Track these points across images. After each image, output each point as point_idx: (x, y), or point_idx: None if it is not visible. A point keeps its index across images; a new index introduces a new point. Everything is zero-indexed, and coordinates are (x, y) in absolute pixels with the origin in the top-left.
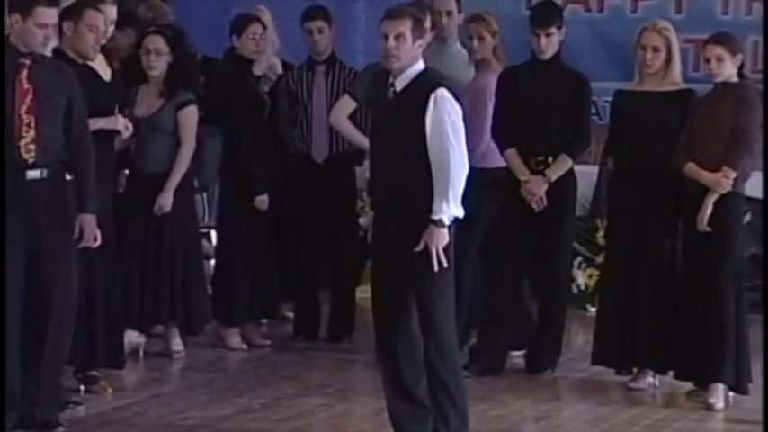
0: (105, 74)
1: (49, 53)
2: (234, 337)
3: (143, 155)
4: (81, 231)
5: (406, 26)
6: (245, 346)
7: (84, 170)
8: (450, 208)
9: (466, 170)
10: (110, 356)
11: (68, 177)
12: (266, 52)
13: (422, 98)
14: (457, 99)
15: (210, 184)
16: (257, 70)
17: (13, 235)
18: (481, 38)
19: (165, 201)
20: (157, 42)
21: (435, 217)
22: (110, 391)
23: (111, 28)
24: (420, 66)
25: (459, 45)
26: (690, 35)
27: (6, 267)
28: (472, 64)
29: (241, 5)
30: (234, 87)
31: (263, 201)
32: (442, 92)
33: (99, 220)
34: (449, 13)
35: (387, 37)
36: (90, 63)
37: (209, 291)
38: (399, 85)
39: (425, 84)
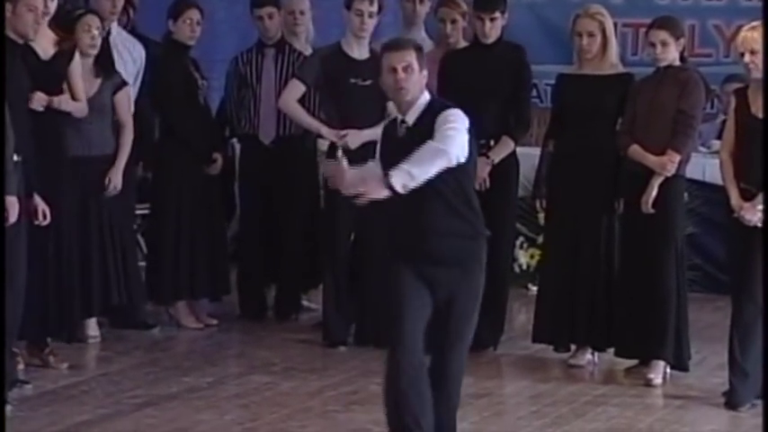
0: (45, 53)
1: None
2: (185, 316)
3: (80, 138)
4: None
5: (411, 56)
6: (196, 325)
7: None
8: (400, 178)
9: (441, 163)
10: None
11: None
12: (300, 39)
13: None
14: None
15: None
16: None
17: None
18: (453, 21)
19: (117, 179)
20: (98, 22)
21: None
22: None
23: (53, 4)
24: (427, 96)
25: (424, 33)
26: (629, 20)
27: None
28: (439, 48)
29: None
30: (169, 74)
31: (215, 167)
32: (450, 109)
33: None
34: (421, 1)
35: (395, 69)
36: (30, 42)
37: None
38: (410, 118)
39: (436, 110)
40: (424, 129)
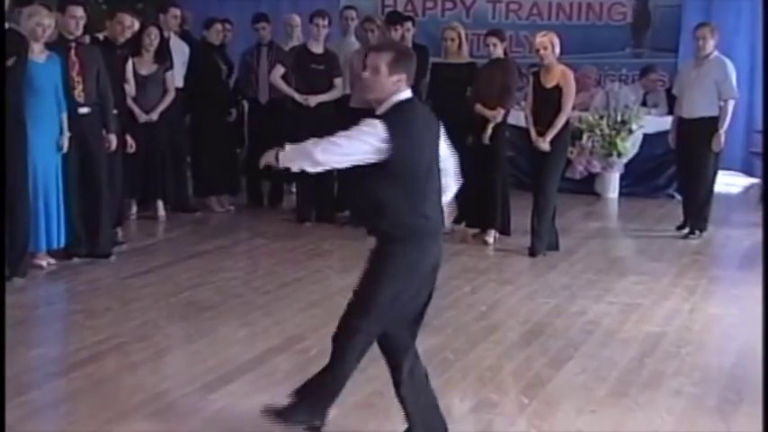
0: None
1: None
2: (215, 204)
3: (145, 98)
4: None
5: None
6: (221, 209)
7: (107, 108)
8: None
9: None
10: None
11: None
12: (293, 40)
13: None
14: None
15: None
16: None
17: (73, 146)
18: (372, 30)
19: (152, 115)
20: (156, 30)
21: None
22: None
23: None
24: (398, 97)
25: (353, 38)
26: (474, 31)
27: (69, 165)
28: (363, 48)
29: (209, 11)
30: (202, 62)
31: (232, 117)
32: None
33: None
34: (352, 18)
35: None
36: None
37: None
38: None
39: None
40: None
